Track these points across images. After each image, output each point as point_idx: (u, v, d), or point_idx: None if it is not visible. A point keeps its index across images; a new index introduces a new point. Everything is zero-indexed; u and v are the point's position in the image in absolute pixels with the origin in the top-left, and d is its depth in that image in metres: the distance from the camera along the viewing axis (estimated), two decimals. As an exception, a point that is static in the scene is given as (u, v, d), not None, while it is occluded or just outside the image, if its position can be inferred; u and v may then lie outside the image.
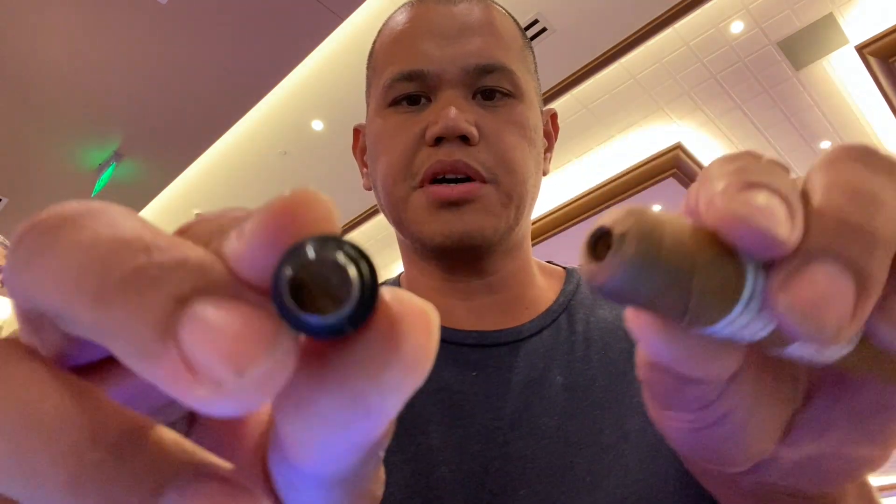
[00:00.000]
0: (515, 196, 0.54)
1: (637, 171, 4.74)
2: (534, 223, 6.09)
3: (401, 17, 0.58)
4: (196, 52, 3.12)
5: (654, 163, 4.67)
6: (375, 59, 0.60)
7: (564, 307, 0.57)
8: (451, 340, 0.54)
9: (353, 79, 3.87)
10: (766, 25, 3.86)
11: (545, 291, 0.59)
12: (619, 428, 0.50)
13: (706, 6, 3.63)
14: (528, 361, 0.54)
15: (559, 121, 0.66)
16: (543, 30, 3.61)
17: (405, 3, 0.61)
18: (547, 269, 0.63)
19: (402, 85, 0.55)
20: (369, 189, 0.62)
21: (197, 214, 0.15)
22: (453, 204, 0.53)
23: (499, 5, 0.61)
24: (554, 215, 5.14)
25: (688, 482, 0.48)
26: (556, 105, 4.17)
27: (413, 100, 0.55)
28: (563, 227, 5.19)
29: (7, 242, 3.43)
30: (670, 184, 4.75)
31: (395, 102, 0.56)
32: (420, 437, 0.50)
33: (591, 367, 0.53)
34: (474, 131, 0.52)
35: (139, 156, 3.77)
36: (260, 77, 3.30)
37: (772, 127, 4.53)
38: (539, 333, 0.55)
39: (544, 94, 3.93)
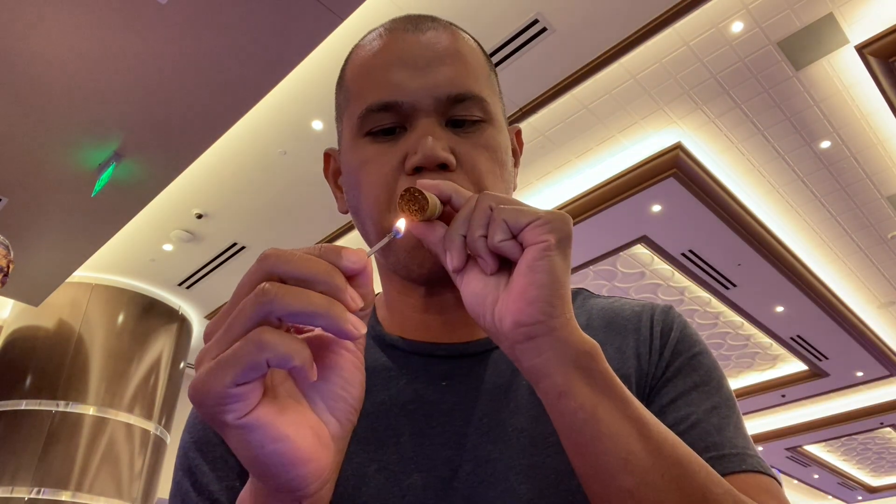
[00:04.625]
0: None
1: (637, 171, 4.73)
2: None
3: (370, 47, 0.59)
4: (196, 52, 3.12)
5: (654, 163, 4.67)
6: (347, 88, 0.60)
7: None
8: (423, 353, 0.58)
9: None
10: (766, 25, 3.86)
11: None
12: None
13: (706, 6, 3.63)
14: (495, 369, 0.57)
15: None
16: (543, 30, 3.61)
17: (373, 31, 0.61)
18: None
19: (377, 115, 0.56)
20: (345, 213, 0.63)
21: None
22: None
23: (463, 31, 0.62)
24: (554, 215, 5.13)
25: None
26: (555, 105, 4.17)
27: (388, 130, 0.56)
28: (563, 227, 5.18)
29: (7, 242, 3.42)
30: (670, 184, 4.75)
31: (370, 132, 0.57)
32: (393, 447, 0.53)
33: None
34: (452, 158, 0.54)
35: (139, 156, 3.77)
36: (260, 77, 3.30)
37: (772, 127, 4.53)
38: None
39: (544, 93, 3.93)
